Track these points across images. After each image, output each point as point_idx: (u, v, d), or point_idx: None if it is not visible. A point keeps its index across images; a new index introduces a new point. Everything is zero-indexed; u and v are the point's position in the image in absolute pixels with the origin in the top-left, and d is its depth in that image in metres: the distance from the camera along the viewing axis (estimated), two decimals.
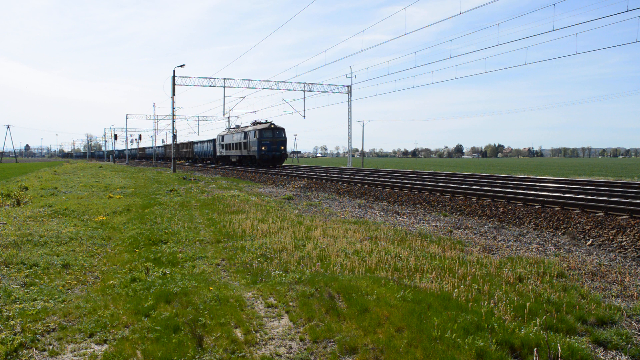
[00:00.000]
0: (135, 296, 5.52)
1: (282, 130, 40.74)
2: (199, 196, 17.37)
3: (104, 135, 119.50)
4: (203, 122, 79.91)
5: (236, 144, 45.89)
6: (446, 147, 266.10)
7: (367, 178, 23.49)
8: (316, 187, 22.81)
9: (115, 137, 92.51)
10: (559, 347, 4.08)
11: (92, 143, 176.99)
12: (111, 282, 6.26)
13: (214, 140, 56.35)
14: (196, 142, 66.12)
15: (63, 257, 7.53)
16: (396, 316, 4.80)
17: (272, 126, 40.45)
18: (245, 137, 43.10)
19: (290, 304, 5.33)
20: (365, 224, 11.03)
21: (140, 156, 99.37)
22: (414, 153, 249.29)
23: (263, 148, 39.66)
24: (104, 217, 12.03)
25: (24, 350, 4.18)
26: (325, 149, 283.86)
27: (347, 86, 45.42)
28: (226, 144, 49.85)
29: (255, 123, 43.68)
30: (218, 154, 53.26)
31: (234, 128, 50.98)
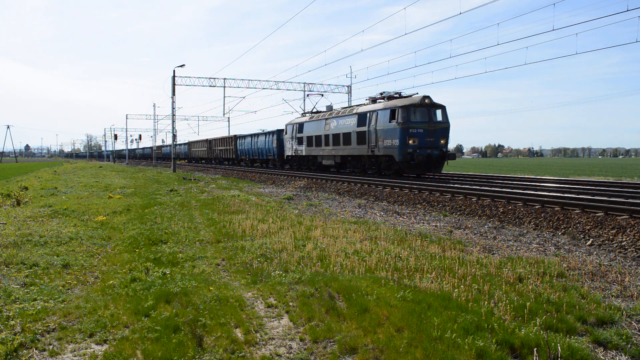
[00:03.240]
0: (135, 296, 5.52)
1: (441, 108, 22.18)
2: (199, 196, 17.38)
3: (104, 135, 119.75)
4: (203, 122, 79.32)
5: (336, 135, 26.83)
6: None
7: (367, 178, 23.49)
8: (316, 187, 22.80)
9: (115, 137, 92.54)
10: (559, 347, 4.08)
11: (92, 143, 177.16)
12: (111, 282, 6.25)
13: (278, 133, 37.59)
14: (243, 136, 46.33)
15: (63, 257, 7.53)
16: (396, 316, 4.80)
17: (427, 101, 21.86)
18: (362, 123, 24.24)
19: (290, 304, 5.33)
20: (365, 224, 11.03)
21: (157, 156, 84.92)
22: None
23: (411, 142, 21.26)
24: (104, 217, 12.03)
25: (24, 350, 4.18)
26: None
27: (347, 86, 45.41)
28: (309, 137, 30.23)
29: (382, 98, 24.77)
30: (290, 152, 33.74)
31: (320, 112, 31.77)
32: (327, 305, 5.13)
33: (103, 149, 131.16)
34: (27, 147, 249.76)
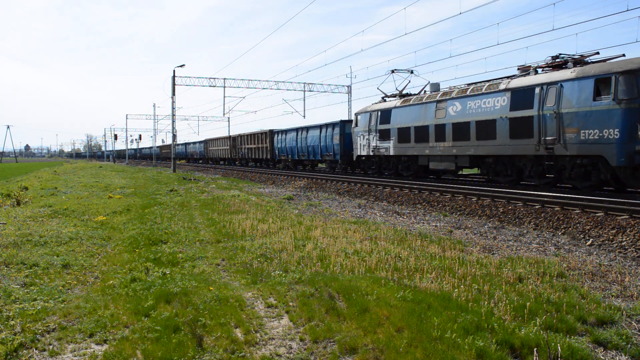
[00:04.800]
0: (135, 296, 5.52)
1: None
2: (199, 196, 17.38)
3: (104, 135, 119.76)
4: (203, 122, 78.82)
5: (461, 126, 18.10)
6: None
7: (367, 178, 23.49)
8: (316, 187, 22.81)
9: (116, 137, 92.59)
10: (559, 347, 4.08)
11: (92, 143, 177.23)
12: (111, 282, 6.26)
13: (342, 125, 28.26)
14: (283, 132, 36.96)
15: (63, 257, 7.53)
16: (396, 316, 4.80)
17: None
18: (523, 104, 15.54)
19: (290, 304, 5.33)
20: (365, 224, 11.03)
21: (165, 156, 77.99)
22: None
23: None
24: (104, 217, 12.03)
25: (24, 350, 4.18)
26: None
27: (347, 86, 45.44)
28: (403, 130, 21.36)
29: (557, 64, 15.44)
30: (363, 151, 24.68)
31: (413, 94, 22.43)
32: (327, 305, 5.13)
33: (103, 149, 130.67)
34: (27, 147, 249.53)
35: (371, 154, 24.10)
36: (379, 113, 23.24)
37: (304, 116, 44.83)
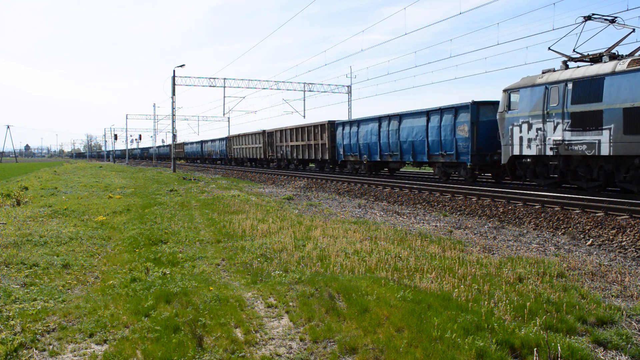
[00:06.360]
0: (135, 296, 5.52)
1: None
2: (199, 196, 17.38)
3: (104, 135, 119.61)
4: (203, 122, 78.49)
5: None
6: None
7: (367, 178, 23.49)
8: (316, 187, 22.81)
9: (115, 137, 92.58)
10: (559, 347, 4.08)
11: (92, 143, 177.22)
12: (111, 282, 6.26)
13: (472, 109, 18.37)
14: (354, 122, 26.98)
15: (63, 257, 7.53)
16: (396, 316, 4.80)
17: None
18: None
19: (290, 304, 5.33)
20: (365, 224, 11.03)
21: (177, 155, 64.02)
22: None
23: None
24: (104, 217, 12.03)
25: (24, 350, 4.18)
26: None
27: (347, 86, 45.46)
28: None
29: None
30: (525, 148, 15.42)
31: None
32: (327, 305, 5.13)
33: (103, 148, 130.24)
34: (27, 147, 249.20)
35: (549, 153, 14.83)
36: (569, 85, 13.98)
37: (304, 116, 44.84)
